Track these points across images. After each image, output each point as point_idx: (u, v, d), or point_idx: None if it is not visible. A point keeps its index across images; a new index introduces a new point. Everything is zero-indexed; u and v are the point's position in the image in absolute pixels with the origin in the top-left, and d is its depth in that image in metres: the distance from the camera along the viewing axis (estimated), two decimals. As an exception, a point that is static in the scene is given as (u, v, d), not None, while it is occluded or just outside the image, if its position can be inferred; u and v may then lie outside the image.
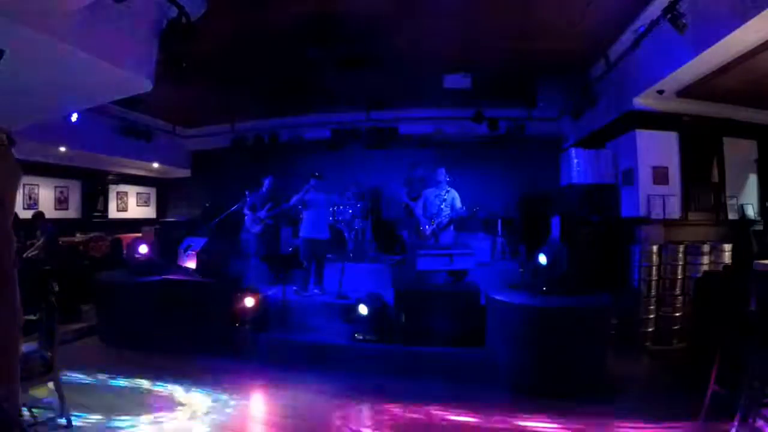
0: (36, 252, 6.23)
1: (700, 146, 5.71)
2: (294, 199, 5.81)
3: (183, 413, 3.37)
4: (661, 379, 3.97)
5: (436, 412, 3.39)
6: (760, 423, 2.70)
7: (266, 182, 6.31)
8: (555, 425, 3.15)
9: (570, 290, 4.11)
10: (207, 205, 8.99)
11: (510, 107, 8.23)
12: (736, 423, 2.75)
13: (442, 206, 5.65)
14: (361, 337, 4.47)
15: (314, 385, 3.89)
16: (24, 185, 8.40)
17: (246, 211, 6.28)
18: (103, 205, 9.79)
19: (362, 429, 3.19)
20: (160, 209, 11.24)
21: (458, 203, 5.77)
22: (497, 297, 4.08)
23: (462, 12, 4.95)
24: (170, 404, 3.54)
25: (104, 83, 4.47)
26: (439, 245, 5.44)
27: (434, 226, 5.67)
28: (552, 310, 3.80)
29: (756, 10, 3.24)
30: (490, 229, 7.90)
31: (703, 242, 5.16)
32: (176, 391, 3.77)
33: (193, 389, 3.79)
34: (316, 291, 5.78)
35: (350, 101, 8.37)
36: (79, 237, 8.08)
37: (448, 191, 5.75)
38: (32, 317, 4.58)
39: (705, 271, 4.74)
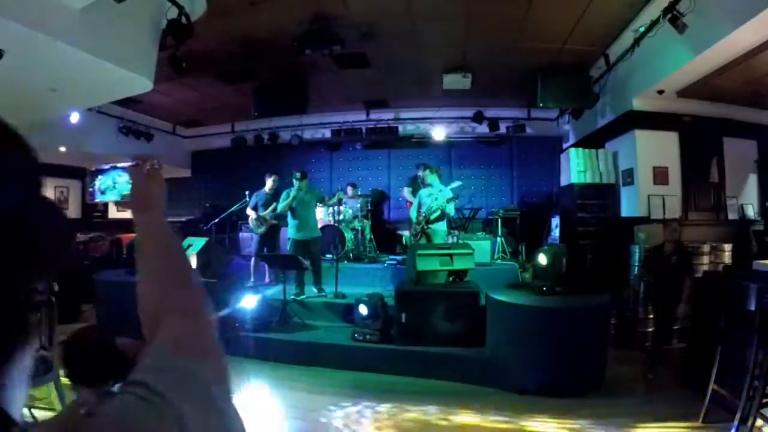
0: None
1: (700, 146, 5.71)
2: (281, 205, 5.73)
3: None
4: (661, 379, 3.96)
5: (437, 411, 3.39)
6: (760, 423, 2.70)
7: (269, 182, 6.29)
8: (555, 425, 3.15)
9: (570, 290, 4.11)
10: (207, 205, 9.00)
11: (510, 107, 8.24)
12: (736, 423, 2.75)
13: (432, 204, 5.65)
14: (361, 337, 4.47)
15: (314, 386, 3.90)
16: (24, 185, 8.41)
17: (249, 212, 6.23)
18: (103, 205, 9.78)
19: (362, 429, 3.19)
20: (160, 209, 11.24)
21: (448, 201, 5.71)
22: (497, 297, 4.08)
23: (462, 12, 4.95)
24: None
25: (104, 83, 4.48)
26: (425, 245, 5.42)
27: (423, 222, 5.66)
28: (552, 310, 3.80)
29: (756, 11, 3.25)
30: (490, 229, 7.90)
31: (703, 242, 5.16)
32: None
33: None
34: (314, 291, 5.76)
35: (350, 101, 8.37)
36: (79, 237, 8.08)
37: (441, 190, 5.74)
38: (32, 317, 4.59)
39: (705, 271, 4.74)
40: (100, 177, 0.81)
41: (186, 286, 0.72)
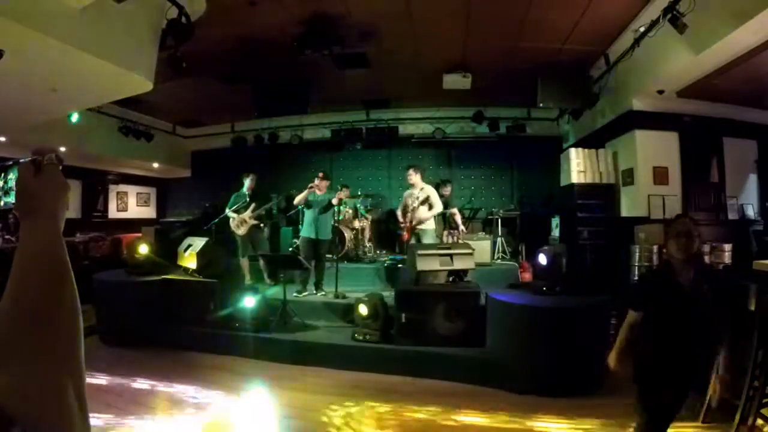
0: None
1: (700, 146, 5.71)
2: (298, 197, 5.74)
3: (182, 413, 3.37)
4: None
5: (437, 411, 3.39)
6: (760, 423, 2.70)
7: (247, 182, 6.26)
8: (555, 425, 3.15)
9: (570, 290, 4.11)
10: (207, 205, 9.00)
11: (510, 107, 8.24)
12: (736, 423, 2.75)
13: (416, 204, 5.72)
14: (361, 337, 4.47)
15: (314, 385, 3.90)
16: (24, 185, 8.39)
17: (229, 213, 6.17)
18: (103, 205, 9.80)
19: (362, 429, 3.19)
20: (160, 209, 11.25)
21: (435, 203, 5.77)
22: (497, 297, 4.08)
23: (462, 12, 4.95)
24: (169, 404, 3.54)
25: (104, 83, 4.48)
26: (425, 244, 5.48)
27: (410, 223, 5.75)
28: (552, 310, 3.80)
29: (756, 11, 3.25)
30: (490, 229, 7.90)
31: (704, 242, 5.15)
32: (176, 390, 3.77)
33: (192, 389, 3.79)
34: (314, 291, 5.76)
35: (350, 101, 8.38)
36: (79, 237, 8.08)
37: (422, 189, 5.80)
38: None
39: (705, 271, 4.74)
40: (3, 176, 0.67)
41: (48, 324, 0.54)
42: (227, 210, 6.16)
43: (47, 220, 0.61)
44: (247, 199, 6.16)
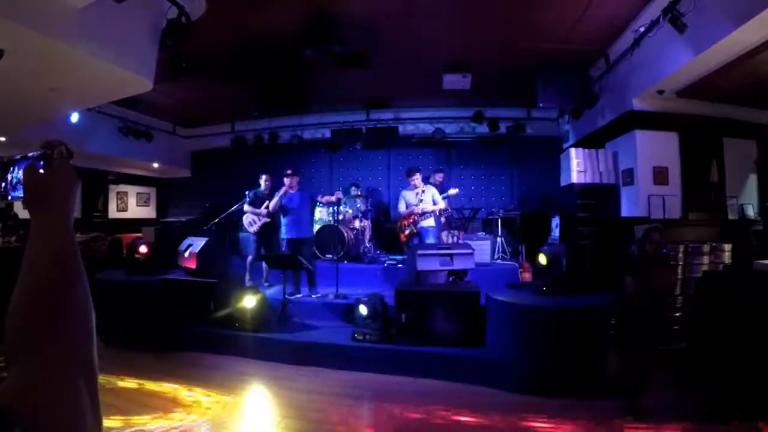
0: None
1: (700, 146, 5.70)
2: (272, 204, 5.73)
3: (182, 413, 3.37)
4: (661, 379, 3.96)
5: (436, 411, 3.39)
6: (759, 423, 2.70)
7: (262, 182, 6.27)
8: (555, 425, 3.15)
9: (570, 290, 4.11)
10: (207, 205, 9.00)
11: (510, 107, 8.24)
12: (736, 423, 2.75)
13: (420, 205, 5.79)
14: (361, 337, 4.47)
15: (314, 385, 3.90)
16: (24, 185, 8.39)
17: (247, 208, 6.16)
18: (103, 205, 9.80)
19: (362, 429, 3.19)
20: (160, 209, 11.24)
21: (438, 198, 5.93)
22: (497, 297, 4.08)
23: (462, 12, 4.95)
24: (170, 404, 3.54)
25: (104, 83, 4.48)
26: (424, 244, 5.52)
27: (413, 221, 5.81)
28: (552, 310, 3.80)
29: (756, 11, 3.25)
30: (490, 229, 7.90)
31: (703, 242, 5.15)
32: (176, 390, 3.77)
33: (192, 389, 3.79)
34: (309, 291, 5.74)
35: (350, 101, 8.37)
36: (79, 237, 8.04)
37: (424, 191, 5.88)
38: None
39: (705, 271, 4.74)
40: (11, 169, 0.66)
41: (58, 322, 0.54)
42: (245, 206, 6.14)
43: (57, 214, 0.60)
44: (268, 198, 6.15)
